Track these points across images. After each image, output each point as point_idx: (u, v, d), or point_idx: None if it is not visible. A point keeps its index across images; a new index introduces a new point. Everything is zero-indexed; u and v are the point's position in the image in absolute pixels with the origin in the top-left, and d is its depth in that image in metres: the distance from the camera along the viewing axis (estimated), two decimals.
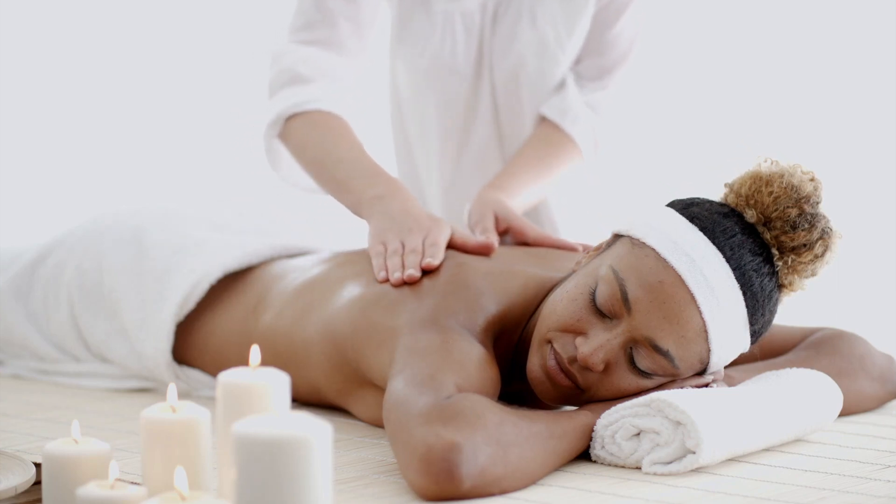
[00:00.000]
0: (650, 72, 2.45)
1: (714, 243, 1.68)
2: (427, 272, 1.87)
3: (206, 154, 3.61)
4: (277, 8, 3.35)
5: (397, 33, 2.37)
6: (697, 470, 1.63)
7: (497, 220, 2.08)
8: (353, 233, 2.28)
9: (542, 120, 2.34)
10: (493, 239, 2.00)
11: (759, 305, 1.69)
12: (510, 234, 2.08)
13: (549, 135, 2.31)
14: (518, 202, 2.18)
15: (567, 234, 2.49)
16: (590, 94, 2.33)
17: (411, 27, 2.35)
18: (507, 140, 2.40)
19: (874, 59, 3.26)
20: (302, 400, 2.00)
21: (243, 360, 1.93)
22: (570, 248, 2.01)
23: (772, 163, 1.74)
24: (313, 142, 2.13)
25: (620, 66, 2.34)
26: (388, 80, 2.45)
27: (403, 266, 1.87)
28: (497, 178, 2.21)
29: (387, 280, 1.87)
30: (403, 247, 1.91)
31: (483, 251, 1.92)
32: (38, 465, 1.62)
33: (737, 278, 1.68)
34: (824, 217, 1.72)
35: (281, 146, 2.23)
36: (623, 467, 1.65)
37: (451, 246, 1.93)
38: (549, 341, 1.72)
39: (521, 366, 1.81)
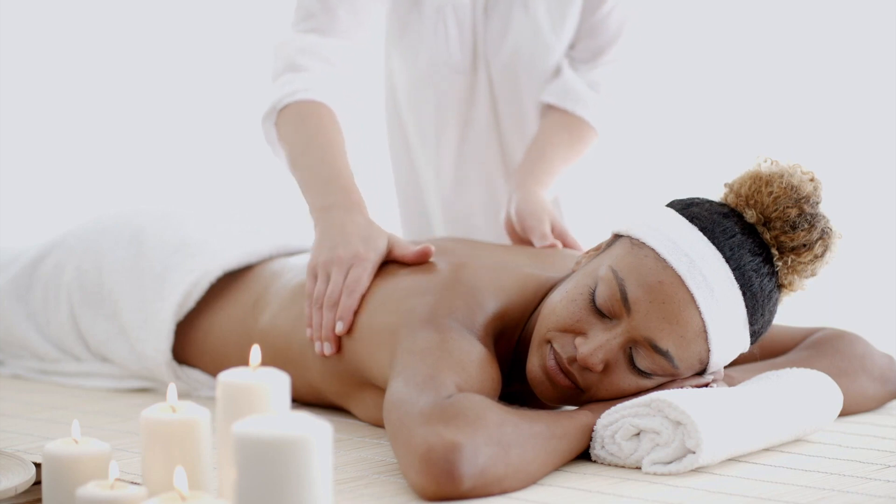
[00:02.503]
0: (650, 71, 2.45)
1: (714, 243, 1.68)
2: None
3: (206, 154, 3.61)
4: (277, 8, 3.35)
5: (392, 32, 2.38)
6: (697, 470, 1.63)
7: (552, 231, 2.10)
8: None
9: (550, 108, 2.34)
10: (558, 245, 2.03)
11: (758, 305, 1.69)
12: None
13: (565, 121, 2.31)
14: (550, 196, 2.21)
15: (575, 233, 2.49)
16: (585, 74, 2.34)
17: (405, 25, 2.36)
18: (505, 130, 2.41)
19: (874, 59, 3.26)
20: (302, 400, 2.00)
21: (243, 360, 1.93)
22: None
23: (772, 163, 1.74)
24: (291, 140, 2.14)
25: (612, 47, 2.35)
26: (383, 78, 2.45)
27: (323, 325, 1.89)
28: (539, 174, 2.21)
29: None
30: (326, 292, 1.91)
31: (422, 259, 1.92)
32: (38, 465, 1.62)
33: (736, 278, 1.68)
34: (824, 217, 1.72)
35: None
36: (623, 467, 1.65)
37: (391, 260, 1.94)
38: (549, 341, 1.72)
39: (521, 366, 1.81)
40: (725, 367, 1.84)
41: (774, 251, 1.71)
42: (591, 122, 2.31)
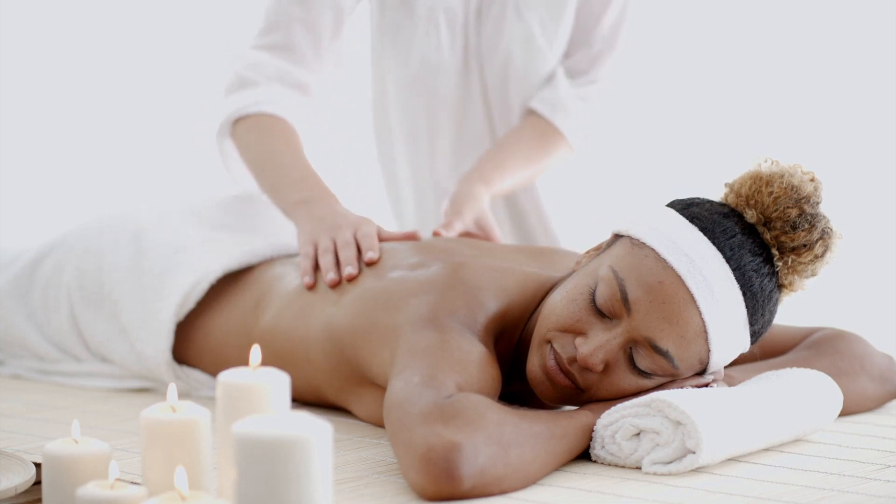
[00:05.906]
0: (650, 71, 2.46)
1: (714, 243, 1.68)
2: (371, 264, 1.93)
3: (205, 154, 3.61)
4: None
5: (381, 37, 2.38)
6: (697, 470, 1.63)
7: (474, 225, 2.19)
8: None
9: (532, 113, 2.36)
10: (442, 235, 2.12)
11: (758, 306, 1.69)
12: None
13: (542, 128, 2.34)
14: (496, 192, 2.27)
15: (564, 236, 2.50)
16: (581, 87, 2.35)
17: (396, 28, 2.36)
18: (499, 133, 2.42)
19: (874, 59, 3.26)
20: (302, 400, 2.00)
21: (243, 360, 1.93)
22: None
23: (772, 163, 1.74)
24: (254, 146, 2.22)
25: (608, 57, 2.36)
26: (370, 81, 2.45)
27: (338, 264, 1.94)
28: (486, 169, 2.27)
29: (313, 285, 1.95)
30: (336, 245, 1.96)
31: (408, 238, 2.00)
32: (38, 465, 1.62)
33: (736, 279, 1.68)
34: (824, 217, 1.72)
35: (231, 148, 2.31)
36: (623, 467, 1.66)
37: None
38: (549, 341, 1.72)
39: (521, 366, 1.81)
40: (725, 367, 1.84)
41: (775, 251, 1.71)
42: (568, 136, 2.34)
